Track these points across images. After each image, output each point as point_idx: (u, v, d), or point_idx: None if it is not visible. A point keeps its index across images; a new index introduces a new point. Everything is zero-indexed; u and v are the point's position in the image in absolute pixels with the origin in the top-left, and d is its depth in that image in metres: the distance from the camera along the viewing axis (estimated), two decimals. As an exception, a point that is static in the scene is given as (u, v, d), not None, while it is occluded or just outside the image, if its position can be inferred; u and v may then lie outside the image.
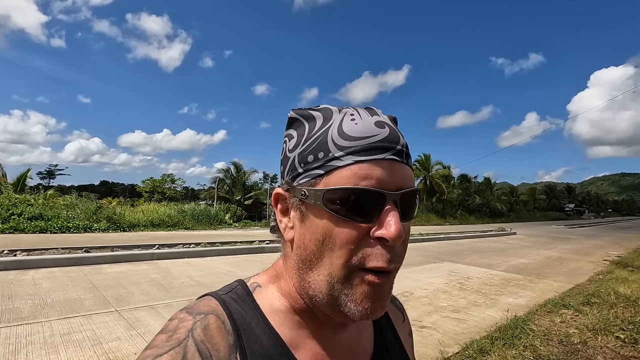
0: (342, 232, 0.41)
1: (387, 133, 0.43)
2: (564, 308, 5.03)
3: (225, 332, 0.44)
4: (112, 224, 13.57)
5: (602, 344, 3.76)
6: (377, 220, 0.41)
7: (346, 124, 0.44)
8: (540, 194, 67.42)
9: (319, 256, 0.43)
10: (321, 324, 0.50)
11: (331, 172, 0.42)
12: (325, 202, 0.41)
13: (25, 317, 4.00)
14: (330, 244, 0.42)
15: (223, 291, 0.51)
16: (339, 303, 0.43)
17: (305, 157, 0.44)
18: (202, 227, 16.66)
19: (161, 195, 34.84)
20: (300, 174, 0.44)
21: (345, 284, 0.42)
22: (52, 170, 73.05)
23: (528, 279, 7.41)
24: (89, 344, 3.35)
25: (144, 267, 7.12)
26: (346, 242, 0.41)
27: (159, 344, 0.42)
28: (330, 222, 0.42)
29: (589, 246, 14.89)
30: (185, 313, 0.46)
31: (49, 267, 6.59)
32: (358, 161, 0.41)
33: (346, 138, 0.42)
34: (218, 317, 0.46)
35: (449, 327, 4.28)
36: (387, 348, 0.58)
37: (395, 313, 0.66)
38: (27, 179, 20.85)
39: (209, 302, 0.48)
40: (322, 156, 0.43)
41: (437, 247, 13.02)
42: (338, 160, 0.42)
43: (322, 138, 0.44)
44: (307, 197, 0.43)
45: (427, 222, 30.18)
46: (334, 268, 0.42)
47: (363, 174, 0.41)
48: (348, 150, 0.42)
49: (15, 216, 12.12)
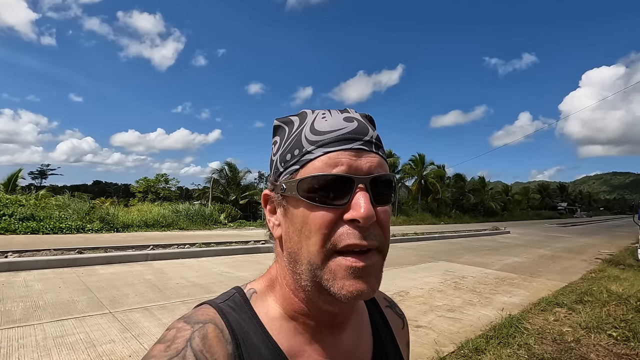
0: (316, 217, 0.43)
1: (355, 126, 0.47)
2: (558, 306, 5.08)
3: (224, 342, 0.45)
4: (105, 225, 13.44)
5: (595, 342, 3.81)
6: (348, 204, 0.43)
7: (317, 122, 0.48)
8: (534, 193, 68.04)
9: (300, 246, 0.45)
10: (318, 328, 0.50)
11: (305, 165, 0.45)
12: (300, 191, 0.44)
13: (17, 319, 3.94)
14: (307, 231, 0.44)
15: (220, 299, 0.51)
16: (324, 288, 0.44)
17: (284, 156, 0.48)
18: (197, 227, 16.57)
19: (155, 195, 34.60)
20: (281, 172, 0.48)
21: (324, 269, 0.44)
22: (44, 170, 72.15)
23: (522, 278, 7.48)
24: (82, 347, 3.31)
25: (138, 268, 7.06)
26: (320, 226, 0.43)
27: (156, 354, 0.42)
28: (305, 209, 0.44)
29: (582, 245, 15.07)
30: (183, 322, 0.46)
31: (41, 269, 6.50)
32: (327, 152, 0.45)
33: (317, 133, 0.46)
34: (216, 326, 0.46)
35: (444, 326, 4.31)
36: (386, 353, 0.58)
37: (395, 320, 0.65)
38: (18, 179, 20.58)
39: (207, 310, 0.48)
40: (297, 153, 0.46)
41: (432, 246, 13.09)
42: (310, 154, 0.45)
43: (297, 137, 0.48)
44: (285, 190, 0.46)
45: (422, 221, 30.32)
46: (311, 255, 0.44)
47: (332, 163, 0.44)
48: (318, 143, 0.45)
49: (6, 217, 11.95)
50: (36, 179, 66.10)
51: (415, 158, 37.19)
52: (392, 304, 0.69)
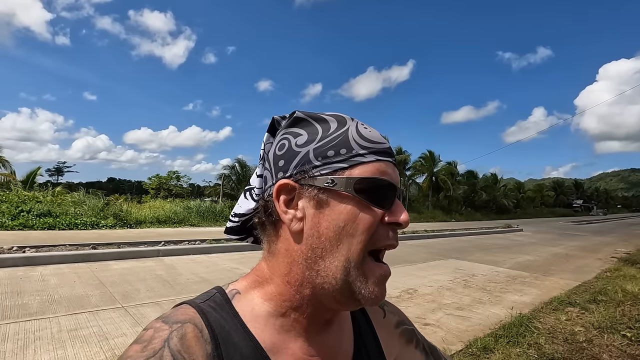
0: (366, 217, 0.46)
1: (389, 144, 0.52)
2: (570, 306, 4.99)
3: (203, 342, 0.44)
4: (118, 221, 13.70)
5: (608, 342, 3.73)
6: (390, 209, 0.48)
7: (362, 130, 0.51)
8: (548, 190, 66.70)
9: (336, 242, 0.45)
10: (307, 326, 0.50)
11: (355, 166, 0.47)
12: (356, 189, 0.46)
13: (33, 312, 4.07)
14: (352, 229, 0.45)
15: (200, 299, 0.50)
16: (352, 289, 0.45)
17: (324, 151, 0.48)
18: (208, 223, 16.76)
19: (167, 192, 35.13)
20: (317, 166, 0.48)
21: (361, 270, 0.46)
22: (61, 168, 74.04)
23: (534, 277, 7.36)
24: (95, 340, 3.40)
25: (149, 264, 7.19)
26: (368, 227, 0.46)
27: (133, 355, 0.41)
28: (355, 208, 0.46)
29: (597, 243, 14.72)
30: (161, 322, 0.45)
31: (56, 264, 6.68)
32: (379, 159, 0.49)
33: (366, 140, 0.49)
34: (195, 325, 0.45)
35: (452, 324, 4.27)
36: (367, 349, 0.58)
37: (375, 312, 0.65)
38: (36, 177, 21.14)
39: (186, 310, 0.47)
40: (344, 152, 0.48)
41: (442, 243, 12.97)
42: (362, 157, 0.48)
43: (343, 137, 0.49)
44: (335, 184, 0.46)
45: (433, 218, 30.06)
46: (353, 253, 0.45)
47: (382, 170, 0.48)
48: (370, 150, 0.49)
49: (24, 213, 12.29)
50: (53, 176, 67.90)
51: (426, 155, 36.84)
52: None
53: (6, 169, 20.63)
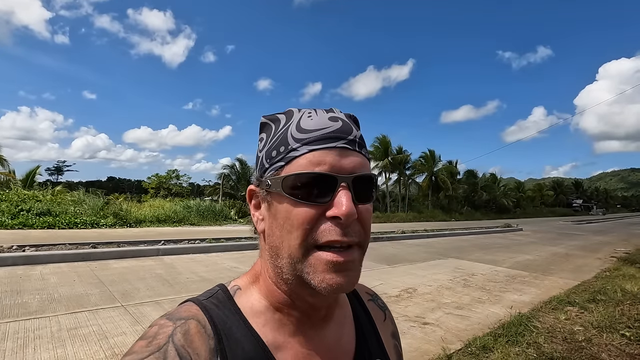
0: (299, 213, 0.45)
1: (339, 125, 0.48)
2: (569, 305, 5.00)
3: (206, 337, 0.46)
4: (118, 220, 13.71)
5: (607, 341, 3.73)
6: (330, 202, 0.45)
7: (304, 120, 0.49)
8: (548, 190, 66.72)
9: (281, 240, 0.47)
10: (303, 321, 0.51)
11: (290, 162, 0.47)
12: (284, 188, 0.46)
13: (33, 311, 4.07)
14: (289, 226, 0.46)
15: (204, 296, 0.52)
16: (305, 281, 0.46)
17: (270, 153, 0.50)
18: (208, 223, 16.77)
19: (167, 191, 35.14)
20: (267, 168, 0.49)
21: (305, 263, 0.45)
22: (60, 167, 74.00)
23: (533, 276, 7.37)
24: (95, 339, 3.41)
25: (149, 263, 7.19)
26: (302, 222, 0.45)
27: (138, 350, 0.43)
28: (289, 206, 0.46)
29: (596, 243, 14.74)
30: (166, 319, 0.47)
31: (56, 263, 6.69)
32: (312, 150, 0.46)
33: (302, 131, 0.48)
34: (199, 322, 0.47)
35: (452, 323, 4.28)
36: (369, 347, 0.58)
37: (377, 312, 0.66)
38: (36, 176, 21.13)
39: (190, 307, 0.49)
40: (282, 150, 0.48)
41: (442, 243, 12.98)
42: (295, 151, 0.47)
43: (284, 134, 0.49)
44: (271, 186, 0.48)
45: (433, 218, 30.07)
46: (292, 249, 0.46)
47: (317, 161, 0.45)
48: (304, 141, 0.47)
49: (24, 212, 12.30)
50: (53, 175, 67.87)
51: (426, 154, 36.83)
52: (374, 296, 0.70)
53: (5, 168, 20.62)
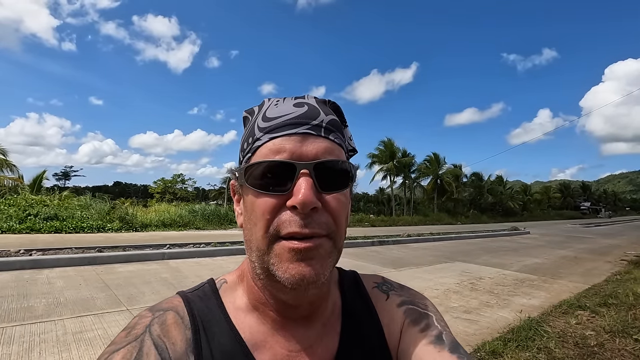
0: (260, 203, 0.44)
1: (303, 111, 0.46)
2: (580, 309, 4.90)
3: (183, 327, 0.47)
4: (124, 224, 13.79)
5: (619, 346, 3.64)
6: (290, 191, 0.43)
7: (269, 109, 0.48)
8: (555, 193, 66.11)
9: (250, 232, 0.46)
10: (281, 320, 0.50)
11: (254, 152, 0.46)
12: (248, 179, 0.45)
13: (39, 315, 4.08)
14: (254, 217, 0.45)
15: (190, 290, 0.54)
16: (272, 273, 0.44)
17: (242, 145, 0.49)
18: (213, 227, 16.80)
19: (172, 196, 35.36)
20: (240, 161, 0.49)
21: (270, 255, 0.44)
22: (68, 172, 74.89)
23: (542, 279, 7.25)
24: (100, 343, 3.39)
25: (155, 267, 7.21)
26: (262, 213, 0.44)
27: (117, 341, 0.45)
28: (252, 197, 0.45)
29: (606, 246, 14.51)
30: (147, 311, 0.50)
31: (63, 267, 6.72)
32: (272, 137, 0.45)
33: (266, 120, 0.47)
34: (177, 313, 0.48)
35: (460, 328, 4.21)
36: (359, 343, 0.54)
37: (379, 297, 0.61)
38: (43, 181, 21.38)
39: (173, 299, 0.51)
40: (250, 141, 0.47)
41: (448, 246, 12.87)
42: (259, 141, 0.46)
43: (252, 125, 0.48)
44: (238, 178, 0.48)
45: (438, 221, 29.87)
46: (258, 241, 0.45)
47: (276, 149, 0.44)
48: (265, 130, 0.46)
49: (31, 216, 12.42)
50: (60, 180, 68.68)
51: (431, 157, 36.70)
52: (380, 284, 0.64)
53: (14, 174, 20.89)
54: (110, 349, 0.43)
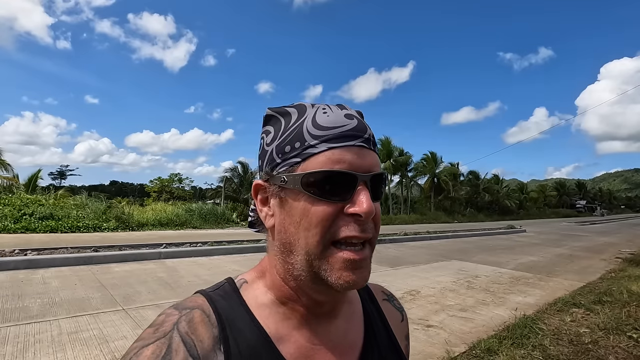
0: (318, 210, 0.45)
1: (355, 123, 0.49)
2: (575, 307, 4.94)
3: (210, 325, 0.48)
4: (121, 224, 13.73)
5: (614, 343, 3.68)
6: (350, 199, 0.46)
7: (319, 116, 0.48)
8: (551, 191, 66.46)
9: (297, 237, 0.47)
10: (307, 315, 0.52)
11: (307, 158, 0.46)
12: (303, 185, 0.46)
13: (34, 315, 4.06)
14: (306, 223, 0.46)
15: (211, 288, 0.55)
16: (321, 277, 0.46)
17: (282, 148, 0.49)
18: (210, 226, 16.76)
19: (169, 195, 35.19)
20: (278, 163, 0.49)
21: (322, 260, 0.46)
22: (63, 171, 74.43)
23: (538, 277, 7.30)
24: (95, 343, 3.38)
25: (151, 266, 7.18)
26: (321, 219, 0.45)
27: (145, 337, 0.46)
28: (307, 203, 0.46)
29: (601, 244, 14.63)
30: (173, 309, 0.50)
31: (58, 267, 6.68)
32: (331, 147, 0.46)
33: (320, 128, 0.47)
34: (203, 311, 0.49)
35: (456, 326, 4.23)
36: (379, 345, 0.58)
37: (393, 313, 0.66)
38: (38, 180, 21.22)
39: (197, 298, 0.52)
40: (298, 145, 0.47)
41: (444, 245, 12.91)
42: (313, 148, 0.46)
43: (298, 130, 0.48)
44: (287, 182, 0.47)
45: (435, 219, 29.97)
46: (310, 246, 0.46)
47: (336, 159, 0.46)
48: (322, 138, 0.47)
49: (26, 216, 12.34)
50: (56, 180, 68.23)
51: (427, 156, 36.76)
52: (390, 297, 0.69)
53: (9, 173, 20.71)
54: (138, 344, 0.45)
